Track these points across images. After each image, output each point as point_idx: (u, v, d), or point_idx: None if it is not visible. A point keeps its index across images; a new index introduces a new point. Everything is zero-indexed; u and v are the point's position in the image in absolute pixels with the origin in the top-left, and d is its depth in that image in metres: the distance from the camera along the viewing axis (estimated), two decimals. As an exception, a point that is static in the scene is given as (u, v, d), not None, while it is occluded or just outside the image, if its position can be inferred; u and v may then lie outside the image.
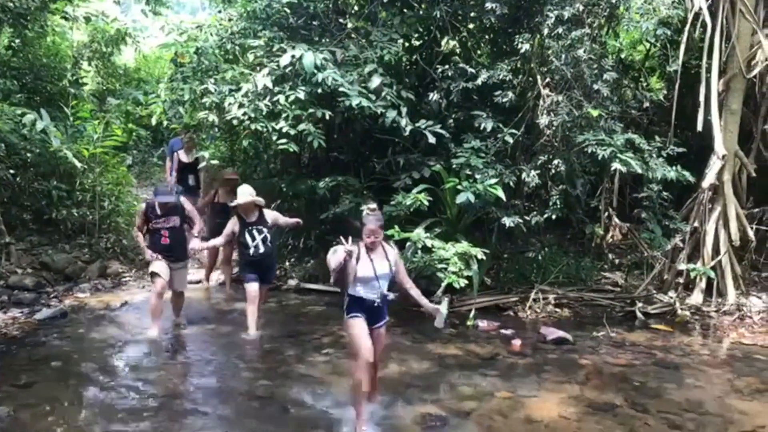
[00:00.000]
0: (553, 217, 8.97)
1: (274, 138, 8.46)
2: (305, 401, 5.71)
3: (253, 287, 7.45)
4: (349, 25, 9.50)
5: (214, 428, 5.12)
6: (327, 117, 8.67)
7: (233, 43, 9.47)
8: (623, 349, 7.58)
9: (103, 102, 13.44)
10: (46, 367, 6.32)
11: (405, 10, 9.76)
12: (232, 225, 7.48)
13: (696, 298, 9.23)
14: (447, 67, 9.35)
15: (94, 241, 10.44)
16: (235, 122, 8.73)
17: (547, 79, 9.11)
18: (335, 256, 4.95)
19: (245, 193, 7.42)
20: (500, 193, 8.35)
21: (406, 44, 10.39)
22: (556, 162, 8.82)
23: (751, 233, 9.58)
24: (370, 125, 9.53)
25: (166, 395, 5.76)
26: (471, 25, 10.25)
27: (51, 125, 9.49)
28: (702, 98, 9.36)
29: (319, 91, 8.42)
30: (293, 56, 8.41)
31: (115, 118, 11.52)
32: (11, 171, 9.87)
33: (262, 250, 7.42)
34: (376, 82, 8.60)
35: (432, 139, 8.69)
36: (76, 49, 14.16)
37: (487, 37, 10.74)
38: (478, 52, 10.56)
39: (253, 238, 7.41)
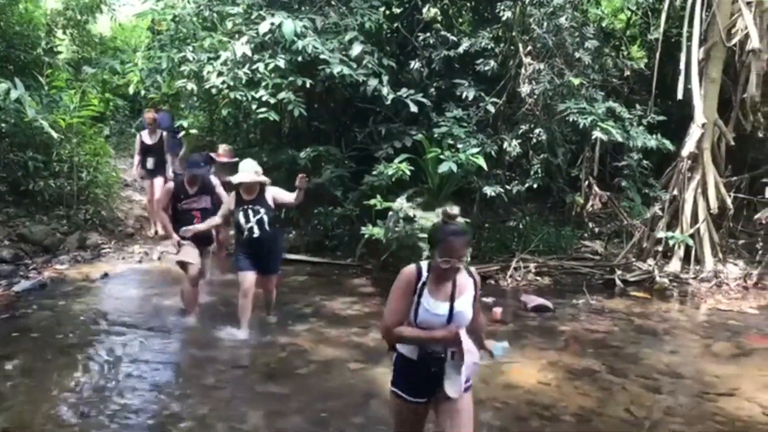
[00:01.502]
0: (534, 186, 9.03)
1: (254, 107, 8.39)
2: (288, 370, 5.72)
3: (247, 278, 6.39)
4: (330, -8, 9.39)
5: (196, 396, 5.12)
6: (307, 85, 8.61)
7: (211, 11, 9.35)
8: (602, 315, 7.67)
9: (79, 71, 13.17)
10: (26, 339, 6.26)
11: (386, -23, 9.67)
12: (229, 203, 6.45)
13: (674, 265, 9.35)
14: (428, 35, 9.29)
15: (73, 213, 10.31)
16: (213, 91, 8.65)
17: (529, 47, 9.08)
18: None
19: (249, 170, 6.29)
20: (482, 163, 8.35)
21: (387, 12, 10.27)
22: (537, 131, 8.83)
23: (729, 201, 9.69)
24: (351, 94, 9.46)
25: (146, 366, 5.73)
26: (453, -8, 10.18)
27: (26, 95, 9.29)
28: (682, 67, 9.38)
29: (299, 59, 8.34)
30: (272, 24, 8.31)
31: (92, 87, 11.33)
32: (-14, 142, 9.71)
33: (257, 233, 6.26)
34: (356, 49, 8.52)
35: (414, 108, 8.65)
36: (50, 17, 13.85)
37: (468, 4, 10.68)
38: (460, 20, 10.50)
39: (247, 219, 6.27)
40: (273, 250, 6.58)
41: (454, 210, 3.16)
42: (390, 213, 8.17)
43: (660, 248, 9.57)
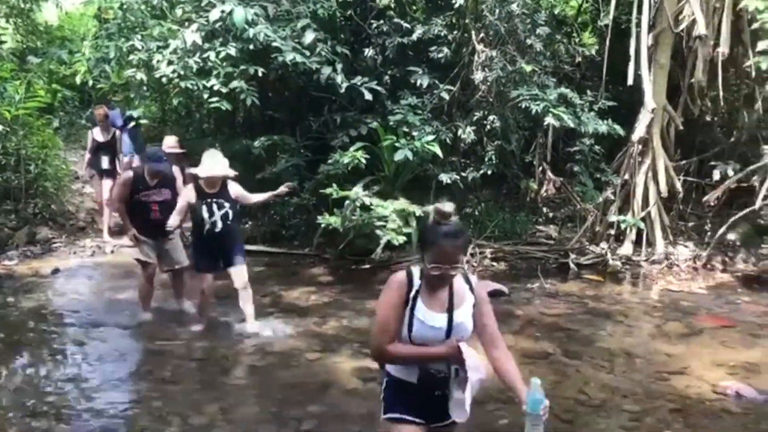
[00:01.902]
0: (489, 172, 9.09)
1: (206, 96, 8.27)
2: (245, 361, 5.69)
3: (206, 279, 6.17)
4: (281, -21, 9.28)
5: (150, 390, 5.06)
6: (260, 74, 8.50)
7: (160, -3, 9.16)
8: (557, 299, 7.79)
9: (24, 61, 12.80)
10: (-27, 337, 6.11)
11: (338, -37, 9.59)
12: (188, 196, 6.04)
13: (626, 248, 9.52)
14: (382, 22, 9.27)
15: (21, 207, 10.05)
16: (164, 80, 8.50)
17: (482, 35, 9.13)
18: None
19: (215, 163, 6.00)
20: (437, 150, 8.38)
21: (340, -1, 10.22)
22: (491, 118, 8.90)
23: (678, 185, 9.90)
24: (305, 83, 9.38)
25: (99, 361, 5.64)
26: (405, -21, 10.16)
27: (-33, 86, 9.03)
28: (632, 53, 9.52)
29: (251, 47, 8.24)
30: (223, 11, 8.19)
31: (38, 77, 11.03)
32: (-74, 135, 9.38)
33: (219, 227, 5.98)
34: (309, 37, 8.45)
35: (368, 96, 8.63)
36: (-8, 6, 13.43)
37: (421, -9, 10.66)
38: (413, 7, 10.48)
39: (211, 213, 5.95)
40: (234, 243, 6.25)
41: (447, 207, 2.67)
42: (346, 202, 8.14)
43: (612, 232, 9.74)
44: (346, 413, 4.70)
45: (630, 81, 9.47)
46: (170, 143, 8.33)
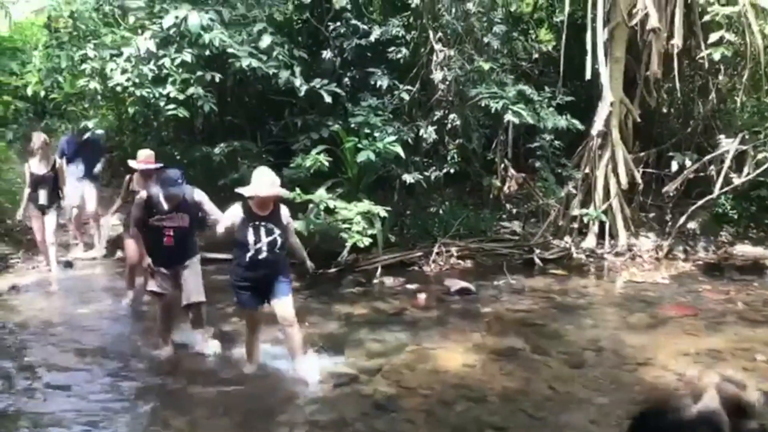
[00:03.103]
0: (452, 171, 9.13)
1: (162, 104, 8.13)
2: (210, 373, 5.59)
3: (251, 317, 5.50)
4: (235, -17, 9.17)
5: (118, 408, 4.93)
6: (217, 80, 8.39)
7: (111, 5, 8.99)
8: (523, 294, 7.84)
9: (-28, 74, 12.47)
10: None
11: (292, -34, 9.53)
12: (233, 215, 5.32)
13: (590, 241, 9.63)
14: (339, 24, 9.23)
15: (-26, 223, 9.77)
16: (119, 89, 8.32)
17: (439, 34, 9.14)
18: None
19: (266, 182, 5.19)
20: (399, 151, 8.38)
21: (296, 1, 10.13)
22: (451, 117, 8.92)
23: (638, 176, 10.04)
24: (264, 87, 9.31)
25: (65, 376, 5.48)
26: (361, -20, 10.12)
27: None
28: (589, 47, 9.63)
29: (207, 53, 8.14)
30: (177, 17, 8.07)
31: (-13, 90, 10.74)
32: None
33: (264, 254, 5.18)
34: (266, 41, 8.37)
35: (328, 99, 8.59)
36: (-63, 17, 13.00)
37: (377, -8, 10.65)
38: (370, 8, 10.44)
39: (258, 239, 5.17)
40: (278, 273, 5.40)
41: (751, 394, 1.38)
42: (310, 205, 8.09)
43: (575, 225, 9.85)
44: (317, 421, 4.65)
45: (587, 75, 9.58)
46: (140, 158, 7.09)
